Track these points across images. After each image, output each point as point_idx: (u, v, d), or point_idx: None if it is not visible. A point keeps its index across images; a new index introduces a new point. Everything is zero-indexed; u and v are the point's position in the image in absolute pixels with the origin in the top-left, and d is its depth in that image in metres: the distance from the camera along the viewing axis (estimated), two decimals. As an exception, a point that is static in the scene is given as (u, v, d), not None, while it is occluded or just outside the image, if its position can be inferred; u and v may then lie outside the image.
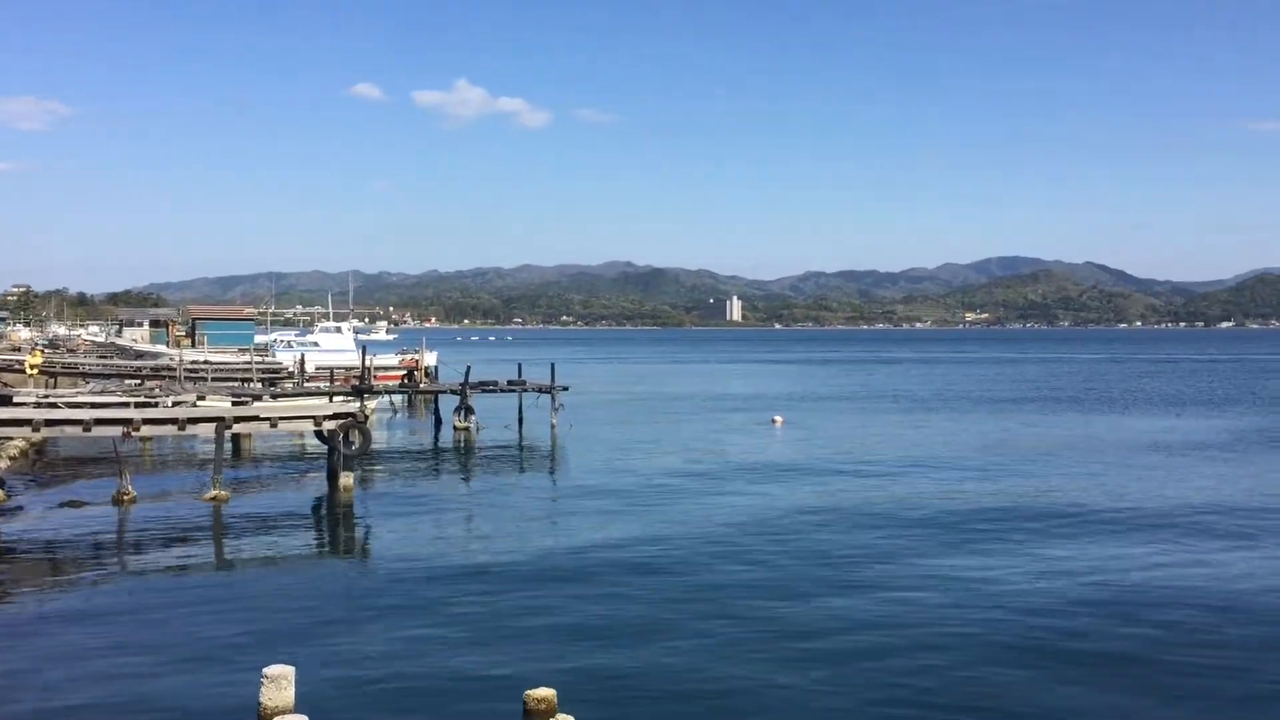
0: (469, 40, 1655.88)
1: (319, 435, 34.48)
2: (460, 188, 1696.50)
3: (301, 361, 60.60)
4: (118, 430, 30.46)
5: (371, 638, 17.29)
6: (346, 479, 31.63)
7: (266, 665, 13.75)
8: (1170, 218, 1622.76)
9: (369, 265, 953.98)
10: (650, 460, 40.65)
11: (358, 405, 34.67)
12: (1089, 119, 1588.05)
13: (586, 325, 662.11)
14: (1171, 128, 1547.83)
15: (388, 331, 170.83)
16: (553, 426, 49.58)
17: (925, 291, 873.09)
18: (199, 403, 35.84)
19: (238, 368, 61.71)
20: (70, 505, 29.02)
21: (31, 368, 57.33)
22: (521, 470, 38.76)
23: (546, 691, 13.94)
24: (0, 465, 34.16)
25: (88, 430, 30.36)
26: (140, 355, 78.07)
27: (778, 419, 57.34)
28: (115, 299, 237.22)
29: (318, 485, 33.68)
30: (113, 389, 46.51)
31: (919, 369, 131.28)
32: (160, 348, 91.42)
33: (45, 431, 30.81)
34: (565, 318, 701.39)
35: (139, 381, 53.74)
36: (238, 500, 30.25)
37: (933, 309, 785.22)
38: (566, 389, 53.25)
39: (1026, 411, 65.17)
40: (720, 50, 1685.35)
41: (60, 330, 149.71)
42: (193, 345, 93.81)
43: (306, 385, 53.68)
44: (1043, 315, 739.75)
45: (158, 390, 42.18)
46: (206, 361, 65.54)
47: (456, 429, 50.21)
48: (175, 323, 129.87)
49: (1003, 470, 37.95)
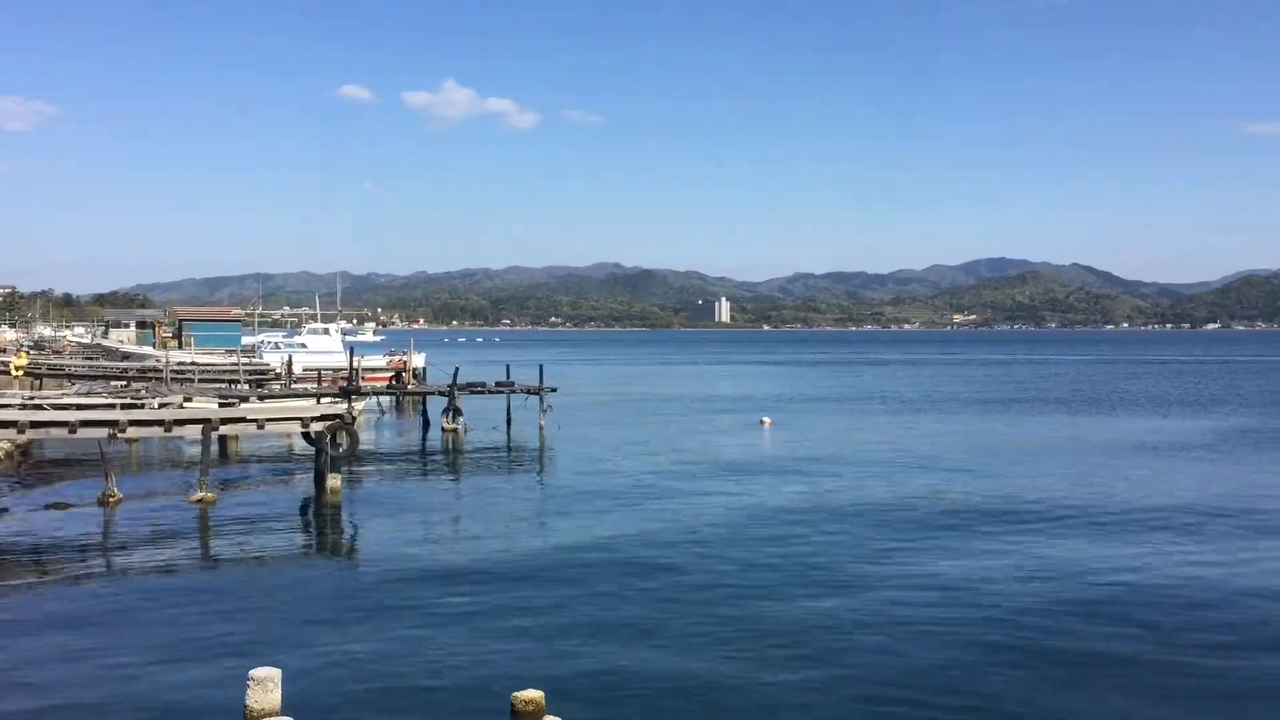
0: (457, 41, 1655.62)
1: (306, 437, 34.37)
2: (449, 189, 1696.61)
3: (289, 363, 60.43)
4: (103, 432, 30.33)
5: (358, 639, 17.24)
6: (334, 480, 31.55)
7: (253, 668, 13.72)
8: (1157, 219, 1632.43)
9: (357, 266, 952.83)
10: (638, 461, 40.64)
11: (345, 407, 34.60)
12: (1079, 121, 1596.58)
13: (575, 326, 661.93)
14: (1159, 130, 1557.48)
15: (375, 333, 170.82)
16: (541, 428, 49.55)
17: (913, 293, 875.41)
18: (185, 404, 35.70)
19: (225, 369, 61.49)
20: (55, 507, 28.89)
21: (17, 369, 57.00)
22: (509, 471, 38.72)
23: (534, 693, 13.94)
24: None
25: (73, 432, 30.22)
26: (126, 357, 77.80)
27: (766, 420, 57.43)
28: (101, 300, 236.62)
29: (305, 487, 33.60)
30: (98, 390, 46.35)
31: (907, 370, 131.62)
32: (146, 349, 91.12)
33: (30, 433, 30.64)
34: (554, 319, 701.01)
35: (125, 383, 53.55)
36: (224, 502, 30.15)
37: (921, 310, 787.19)
38: (555, 390, 53.23)
39: (1014, 413, 65.41)
40: (709, 51, 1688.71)
41: (46, 332, 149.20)
42: (179, 346, 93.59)
43: (294, 387, 53.51)
44: (1030, 317, 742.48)
45: (144, 392, 42.03)
46: (193, 363, 65.31)
47: (444, 430, 50.17)
48: (162, 324, 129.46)
49: (991, 471, 38.04)
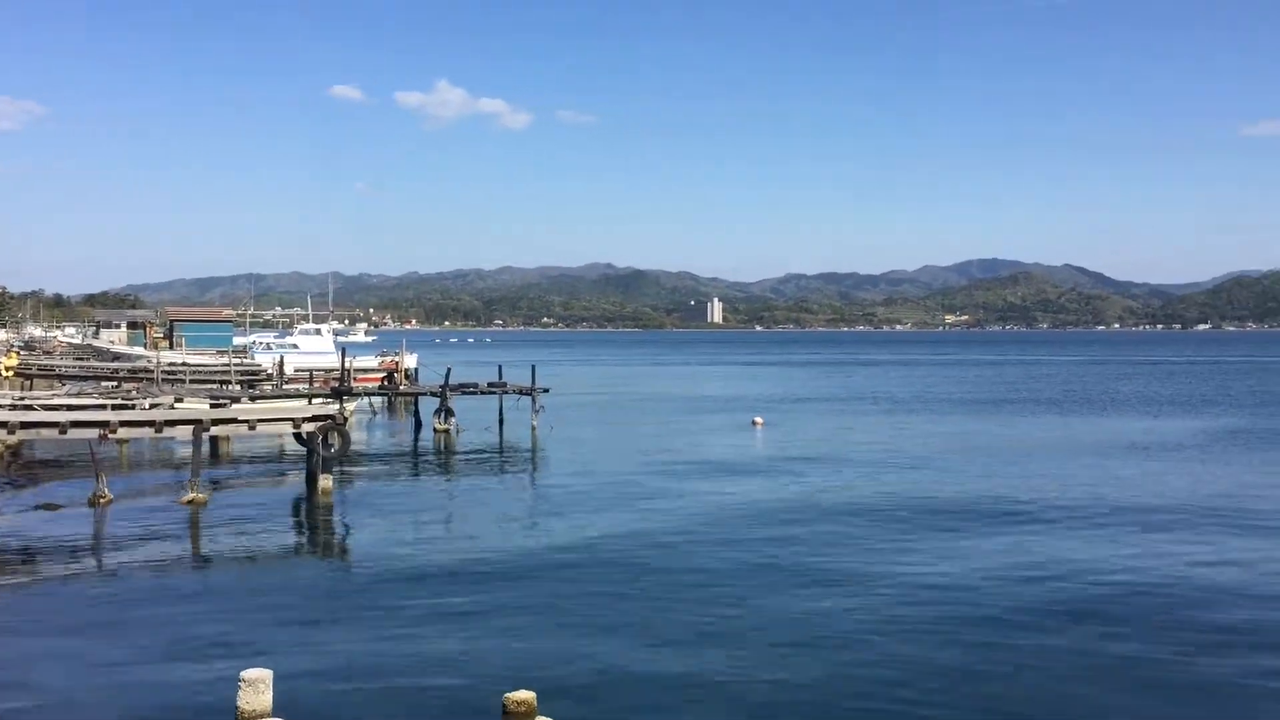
0: (450, 41, 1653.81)
1: (298, 437, 34.34)
2: (441, 189, 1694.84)
3: (280, 363, 60.27)
4: (94, 433, 30.26)
5: (350, 640, 17.21)
6: (325, 481, 31.48)
7: (244, 669, 13.68)
8: (1149, 220, 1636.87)
9: (349, 267, 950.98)
10: (630, 462, 40.62)
11: (337, 407, 34.56)
12: (1072, 122, 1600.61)
13: (567, 327, 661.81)
14: (1151, 131, 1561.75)
15: (366, 333, 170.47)
16: (533, 428, 49.52)
17: (905, 294, 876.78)
18: (176, 405, 35.64)
19: (216, 370, 61.41)
20: (46, 508, 28.78)
21: (7, 370, 56.93)
22: (501, 472, 38.68)
23: (526, 694, 13.91)
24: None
25: (64, 433, 30.15)
26: (117, 357, 77.72)
27: (758, 420, 57.45)
28: (92, 300, 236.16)
29: (296, 487, 33.53)
30: (89, 391, 46.26)
31: (899, 371, 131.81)
32: (138, 349, 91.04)
33: (21, 434, 30.59)
34: (546, 319, 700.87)
35: (116, 384, 53.45)
36: (215, 502, 30.07)
37: (913, 311, 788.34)
38: (547, 391, 53.19)
39: (1006, 413, 65.50)
40: (702, 52, 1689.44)
41: (36, 332, 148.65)
42: (170, 347, 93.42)
43: (285, 387, 53.41)
44: (1022, 317, 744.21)
45: (135, 393, 41.95)
46: (184, 363, 65.25)
47: (436, 431, 50.11)
48: (153, 324, 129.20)
49: (983, 471, 38.06)
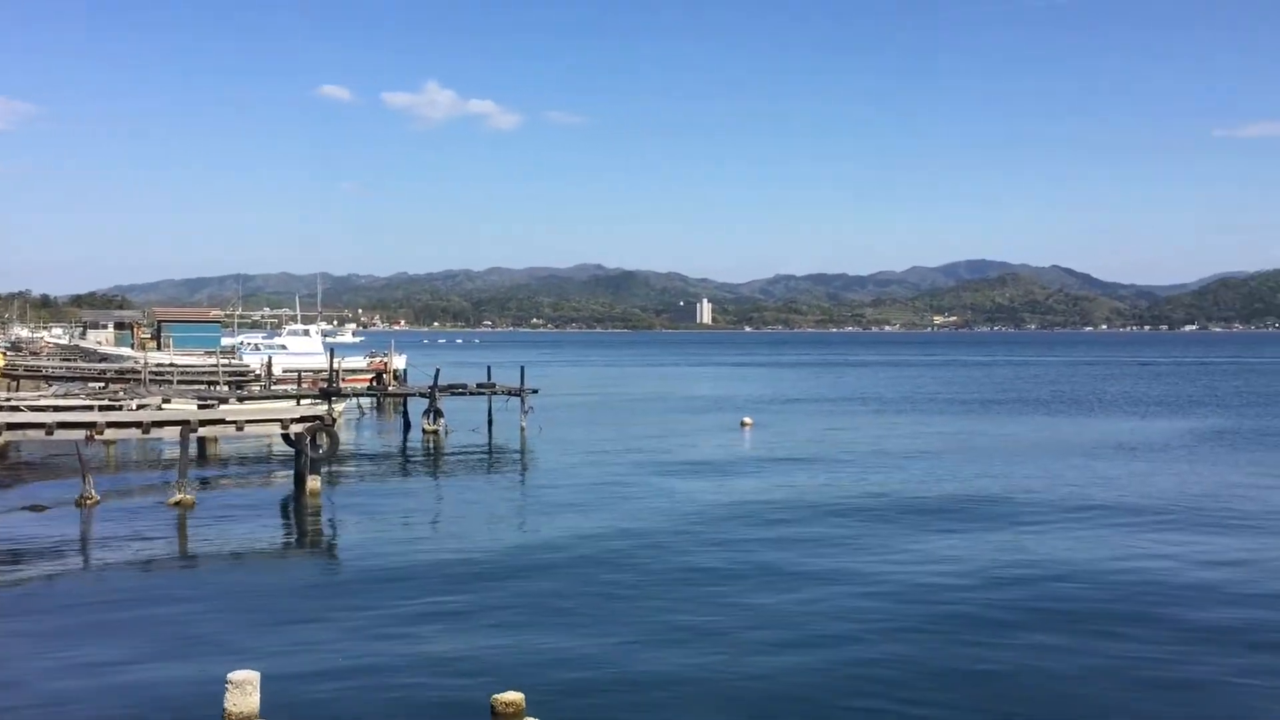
0: (439, 42, 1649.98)
1: (286, 438, 34.25)
2: (430, 190, 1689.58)
3: (268, 364, 60.19)
4: (81, 434, 30.16)
5: (337, 641, 17.19)
6: (313, 482, 31.43)
7: (231, 671, 13.67)
8: (1136, 221, 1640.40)
9: (337, 267, 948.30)
10: (619, 462, 40.65)
11: (325, 408, 34.50)
12: (1060, 123, 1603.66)
13: (556, 328, 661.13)
14: (1138, 132, 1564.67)
15: (354, 334, 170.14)
16: (522, 429, 49.50)
17: (894, 294, 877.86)
18: (164, 406, 35.54)
19: (204, 370, 61.23)
20: (32, 509, 28.67)
21: (-7, 370, 56.67)
22: (490, 473, 38.67)
23: (514, 695, 13.94)
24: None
25: (50, 434, 30.06)
26: (105, 358, 77.39)
27: (746, 421, 57.51)
28: (79, 301, 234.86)
29: (284, 488, 33.45)
30: (76, 392, 46.10)
31: (888, 372, 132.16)
32: (125, 350, 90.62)
33: (7, 435, 30.48)
34: (535, 320, 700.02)
35: (103, 385, 53.28)
36: (203, 504, 29.97)
37: (901, 312, 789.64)
38: (536, 392, 53.18)
39: (995, 414, 65.72)
40: (692, 53, 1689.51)
41: (23, 333, 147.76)
42: (158, 348, 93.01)
43: (273, 388, 53.32)
44: (1010, 318, 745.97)
45: (122, 393, 41.82)
46: (172, 364, 65.03)
47: (425, 432, 50.06)
48: (140, 325, 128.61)
49: (972, 471, 38.14)
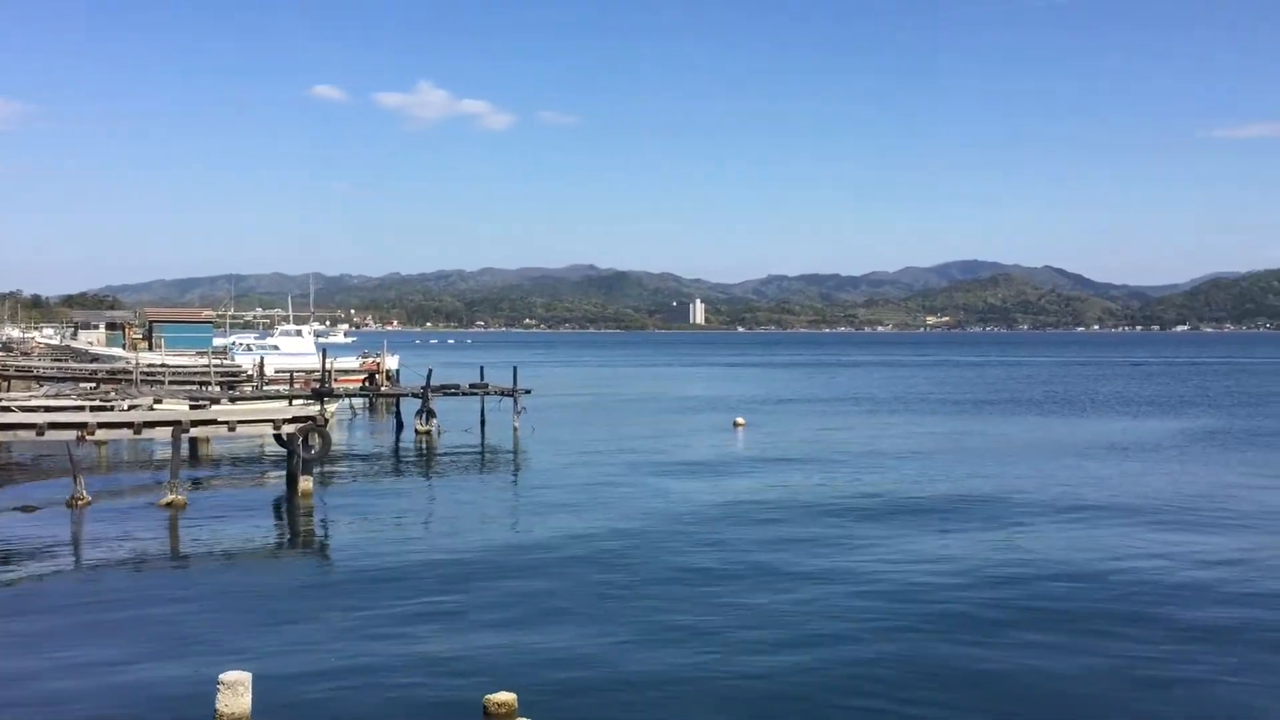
0: (432, 42, 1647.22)
1: (278, 439, 34.18)
2: (423, 190, 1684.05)
3: (261, 365, 60.04)
4: (72, 434, 30.05)
5: (329, 642, 17.14)
6: (305, 482, 31.36)
7: (222, 672, 13.63)
8: (1127, 222, 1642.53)
9: (330, 268, 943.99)
10: (612, 462, 40.62)
11: (317, 409, 34.42)
12: (1050, 124, 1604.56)
13: (549, 328, 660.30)
14: (1130, 132, 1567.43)
15: (346, 334, 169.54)
16: (515, 429, 49.45)
17: (886, 295, 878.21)
18: (155, 406, 35.42)
19: (196, 371, 61.07)
20: (23, 509, 28.58)
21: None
22: (483, 473, 38.63)
23: (507, 695, 13.91)
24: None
25: (41, 434, 29.94)
26: (96, 358, 77.16)
27: (739, 421, 57.50)
28: (70, 301, 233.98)
29: (276, 488, 33.38)
30: (67, 392, 45.97)
31: (881, 372, 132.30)
32: (116, 350, 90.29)
33: (-3, 435, 30.36)
34: (528, 321, 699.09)
35: (94, 385, 53.12)
36: (194, 504, 29.89)
37: (894, 312, 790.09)
38: (529, 392, 53.12)
39: (988, 414, 65.80)
40: (686, 53, 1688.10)
41: (14, 333, 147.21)
42: (150, 348, 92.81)
43: (266, 389, 53.19)
44: (1002, 319, 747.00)
45: (113, 394, 41.69)
46: (164, 364, 64.89)
47: (418, 432, 49.98)
48: (132, 325, 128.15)
49: (963, 471, 38.17)
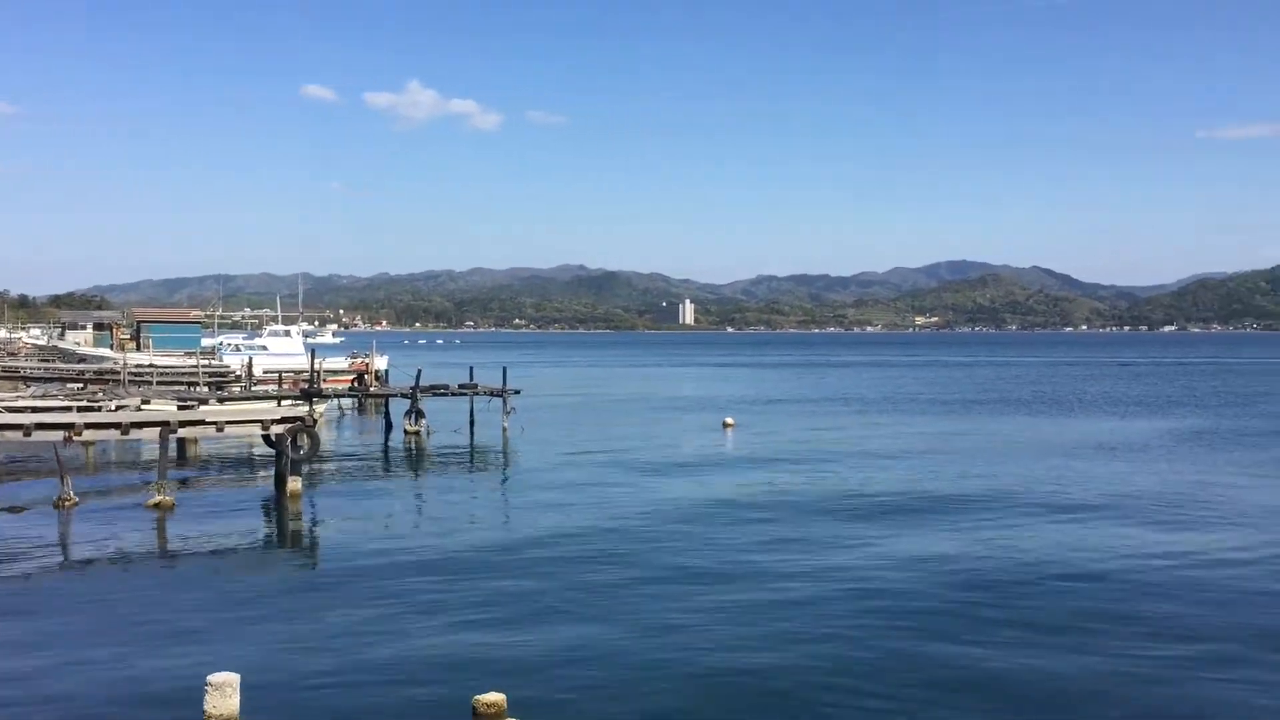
0: (421, 41, 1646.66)
1: (266, 439, 34.09)
2: (412, 190, 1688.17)
3: (249, 365, 59.88)
4: (59, 435, 29.94)
5: (318, 643, 17.11)
6: (294, 483, 31.28)
7: (210, 673, 13.59)
8: (1115, 222, 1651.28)
9: (319, 268, 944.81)
10: (601, 463, 40.62)
11: (306, 409, 34.35)
12: (1039, 125, 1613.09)
13: (539, 329, 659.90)
14: (1117, 133, 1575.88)
15: (334, 334, 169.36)
16: (504, 430, 49.41)
17: (876, 295, 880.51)
18: (143, 407, 35.32)
19: (184, 371, 60.96)
20: (9, 510, 28.46)
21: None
22: (472, 473, 38.59)
23: (496, 696, 13.92)
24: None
25: (28, 435, 29.82)
26: (83, 359, 76.95)
27: (729, 422, 57.54)
28: (58, 301, 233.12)
29: (265, 489, 33.29)
30: (54, 393, 45.81)
31: (870, 372, 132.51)
32: (104, 351, 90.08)
33: (-16, 436, 30.23)
34: (518, 321, 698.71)
35: (82, 385, 52.97)
36: (182, 505, 29.80)
37: (883, 313, 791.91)
38: (518, 392, 53.09)
39: (976, 414, 65.98)
40: (673, 52, 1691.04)
41: (1, 333, 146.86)
42: (138, 348, 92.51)
43: (254, 389, 53.06)
44: (991, 319, 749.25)
45: (101, 394, 41.56)
46: (152, 365, 64.70)
47: (407, 433, 49.90)
48: (120, 325, 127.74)
49: (951, 471, 38.24)
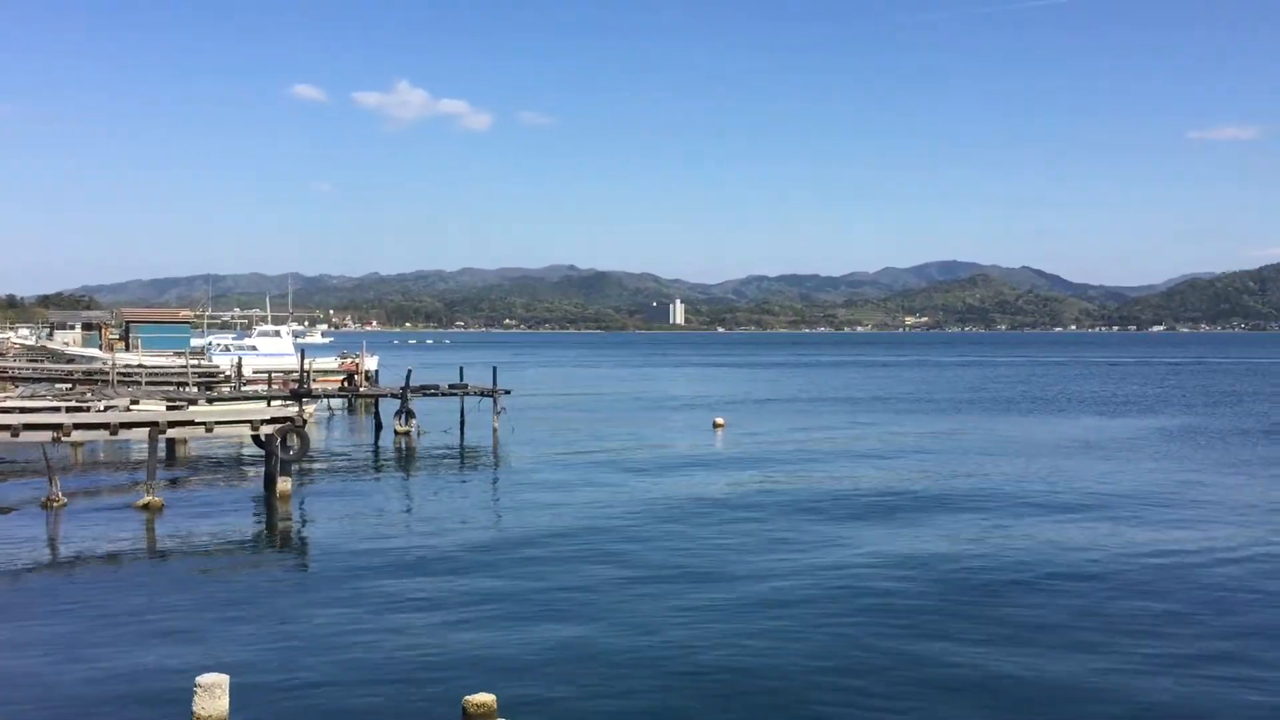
0: (410, 41, 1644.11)
1: (256, 440, 34.02)
2: (402, 190, 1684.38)
3: (238, 365, 59.79)
4: (47, 435, 29.84)
5: (307, 644, 17.10)
6: (284, 484, 31.23)
7: (200, 674, 13.57)
8: (1104, 222, 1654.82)
9: (309, 268, 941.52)
10: (591, 462, 40.65)
11: (296, 409, 34.29)
12: (1031, 125, 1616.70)
13: (529, 329, 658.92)
14: (1106, 133, 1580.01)
15: (324, 335, 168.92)
16: (495, 430, 49.38)
17: (866, 295, 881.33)
18: (132, 407, 35.22)
19: (173, 371, 60.78)
20: (-3, 512, 28.38)
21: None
22: (463, 473, 38.56)
23: (486, 697, 13.88)
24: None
25: (16, 435, 29.72)
26: (72, 359, 76.63)
27: (719, 421, 57.58)
28: (46, 301, 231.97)
29: (254, 490, 33.24)
30: (43, 393, 45.64)
31: (860, 372, 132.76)
32: (93, 351, 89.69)
33: (-29, 437, 30.09)
34: (508, 321, 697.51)
35: (70, 386, 52.78)
36: (171, 506, 29.73)
37: (873, 313, 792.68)
38: (508, 392, 53.07)
39: (966, 413, 66.17)
40: (664, 53, 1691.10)
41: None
42: (127, 348, 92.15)
43: (244, 389, 52.94)
44: (980, 319, 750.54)
45: (90, 395, 41.42)
46: (140, 365, 64.48)
47: (397, 433, 49.84)
48: (109, 325, 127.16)
49: (941, 469, 38.38)
